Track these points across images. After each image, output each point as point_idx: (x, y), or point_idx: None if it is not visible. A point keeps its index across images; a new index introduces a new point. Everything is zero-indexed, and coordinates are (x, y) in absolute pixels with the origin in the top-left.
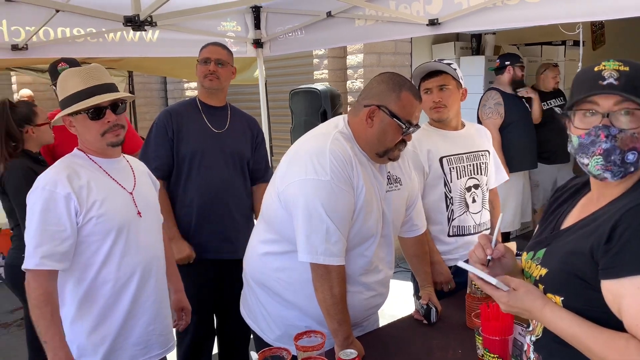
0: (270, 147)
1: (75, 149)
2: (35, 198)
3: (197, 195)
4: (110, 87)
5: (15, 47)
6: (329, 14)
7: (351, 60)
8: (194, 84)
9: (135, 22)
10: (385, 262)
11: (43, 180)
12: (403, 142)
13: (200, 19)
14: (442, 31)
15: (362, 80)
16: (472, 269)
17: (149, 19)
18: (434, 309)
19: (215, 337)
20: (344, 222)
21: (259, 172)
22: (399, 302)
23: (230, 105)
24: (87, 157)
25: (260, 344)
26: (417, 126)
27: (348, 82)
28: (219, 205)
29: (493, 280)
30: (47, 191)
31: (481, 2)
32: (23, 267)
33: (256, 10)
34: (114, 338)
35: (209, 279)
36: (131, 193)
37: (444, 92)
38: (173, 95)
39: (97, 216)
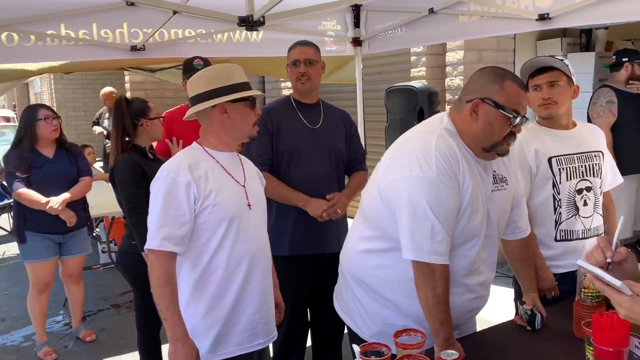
0: (365, 146)
1: (194, 142)
2: (159, 184)
3: (294, 190)
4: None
5: (134, 48)
6: (431, 11)
7: (451, 57)
8: (290, 83)
9: (248, 22)
10: (487, 264)
11: (167, 168)
12: (512, 135)
13: (302, 19)
14: (552, 26)
15: (462, 77)
16: (594, 269)
17: (261, 19)
18: (539, 315)
19: (309, 331)
20: (450, 220)
21: (355, 161)
22: (495, 307)
23: (321, 101)
24: (204, 150)
25: (356, 339)
26: (525, 117)
27: (447, 80)
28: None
29: (617, 283)
30: (170, 178)
31: None
32: (145, 247)
33: (356, 9)
34: (223, 323)
35: (304, 274)
36: (243, 186)
37: (554, 88)
38: (271, 95)
39: (213, 205)
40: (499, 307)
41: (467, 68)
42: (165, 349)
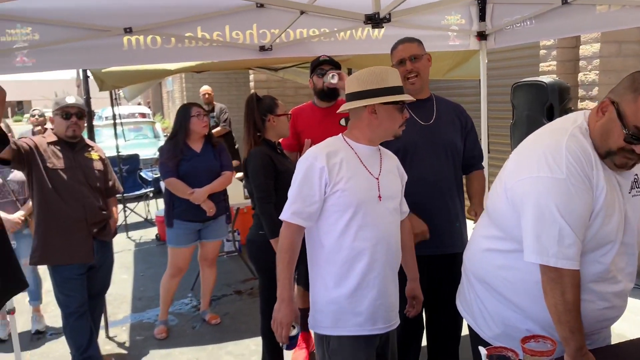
0: (488, 144)
1: (340, 134)
2: (300, 166)
3: (410, 189)
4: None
5: (262, 48)
6: (564, 2)
7: (585, 50)
8: None
9: (374, 20)
10: (624, 273)
11: (310, 153)
12: (632, 152)
13: (426, 14)
14: None
15: (597, 72)
16: None
17: (387, 16)
18: None
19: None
20: (580, 223)
21: (472, 159)
22: (630, 320)
23: (434, 96)
24: (345, 141)
25: (476, 339)
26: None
27: (580, 75)
28: (433, 200)
29: None
30: (309, 162)
31: None
32: (280, 216)
33: (482, 2)
34: (344, 302)
35: (422, 274)
36: (376, 178)
37: None
38: None
39: (342, 190)
40: (634, 320)
41: (604, 62)
42: None
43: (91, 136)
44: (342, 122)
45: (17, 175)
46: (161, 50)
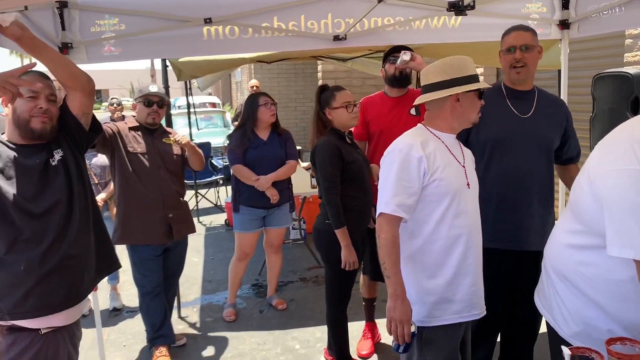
0: None
1: (419, 124)
2: (392, 158)
3: (497, 182)
4: (425, 88)
5: (336, 38)
6: None
7: None
8: (480, 69)
9: (458, 8)
10: None
11: (400, 144)
12: None
13: (506, 2)
14: None
15: None
16: None
17: (471, 3)
18: None
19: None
20: None
21: (570, 154)
22: None
23: (537, 88)
24: (429, 131)
25: (555, 337)
26: None
27: None
28: (521, 194)
29: None
30: (403, 153)
31: None
32: (378, 211)
33: None
34: (442, 291)
35: (502, 270)
36: (463, 166)
37: None
38: None
39: (439, 179)
40: None
41: None
42: (351, 326)
43: (169, 124)
44: (412, 111)
45: (99, 159)
46: (239, 40)
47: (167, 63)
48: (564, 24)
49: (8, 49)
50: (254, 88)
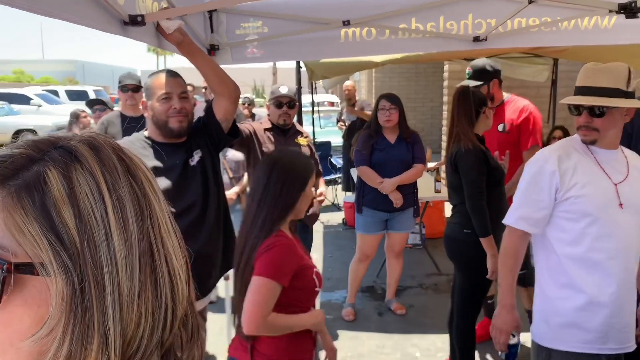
0: None
1: (575, 134)
2: (529, 168)
3: None
4: (599, 91)
5: (476, 39)
6: None
7: None
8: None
9: (630, 10)
10: None
11: (540, 155)
12: None
13: None
14: None
15: None
16: None
17: None
18: None
19: None
20: None
21: None
22: None
23: None
24: (582, 143)
25: None
26: None
27: None
28: None
29: None
30: (538, 165)
31: None
32: (504, 220)
33: None
34: (572, 316)
35: None
36: (616, 184)
37: None
38: None
39: (575, 196)
40: None
41: None
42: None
43: (299, 122)
44: (500, 128)
45: (235, 155)
46: (374, 42)
47: (301, 64)
48: None
49: (169, 51)
50: (346, 92)
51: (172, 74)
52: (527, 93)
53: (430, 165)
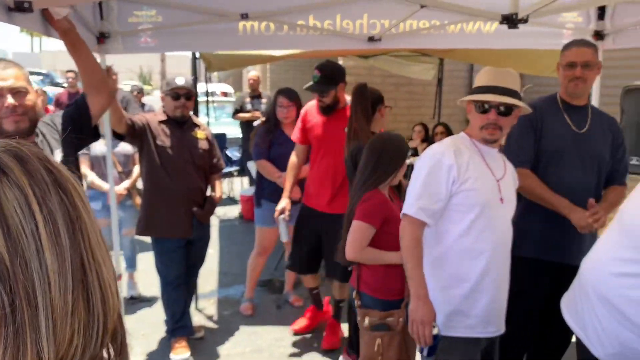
0: None
1: (462, 132)
2: (424, 162)
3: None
4: (508, 92)
5: (371, 39)
6: None
7: None
8: None
9: (512, 21)
10: None
11: (434, 149)
12: None
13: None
14: None
15: None
16: None
17: (525, 18)
18: None
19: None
20: None
21: (616, 173)
22: None
23: (590, 105)
24: (471, 141)
25: (586, 354)
26: None
27: None
28: None
29: None
30: (435, 159)
31: None
32: (402, 211)
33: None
34: (459, 303)
35: (543, 281)
36: (498, 181)
37: None
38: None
39: (468, 190)
40: None
41: None
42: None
43: (195, 114)
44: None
45: (124, 147)
46: (273, 37)
47: (197, 54)
48: (599, 35)
49: (53, 37)
50: (251, 82)
51: (8, 63)
52: (415, 90)
53: None
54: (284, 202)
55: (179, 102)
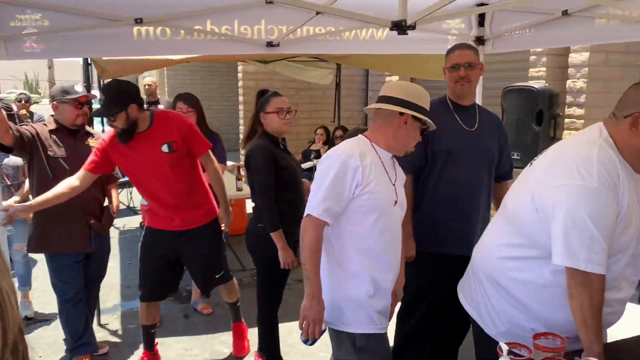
0: None
1: (360, 135)
2: (331, 163)
3: (448, 191)
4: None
5: (269, 44)
6: (565, 13)
7: (574, 58)
8: (395, 77)
9: (401, 27)
10: (629, 282)
11: (341, 150)
12: None
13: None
14: None
15: (586, 80)
16: None
17: (413, 24)
18: None
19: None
20: (609, 232)
21: (504, 170)
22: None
23: (477, 104)
24: (370, 144)
25: (480, 335)
26: None
27: (568, 82)
28: (469, 203)
29: None
30: (341, 160)
31: None
32: (306, 211)
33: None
34: (366, 301)
35: (444, 273)
36: (394, 184)
37: None
38: (373, 88)
39: (371, 192)
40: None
41: (593, 71)
42: (281, 327)
43: (89, 123)
44: (165, 149)
45: (12, 160)
46: (170, 41)
47: (89, 60)
48: (480, 40)
49: None
50: (146, 87)
51: None
52: (314, 95)
53: (230, 164)
54: None
55: (82, 110)
